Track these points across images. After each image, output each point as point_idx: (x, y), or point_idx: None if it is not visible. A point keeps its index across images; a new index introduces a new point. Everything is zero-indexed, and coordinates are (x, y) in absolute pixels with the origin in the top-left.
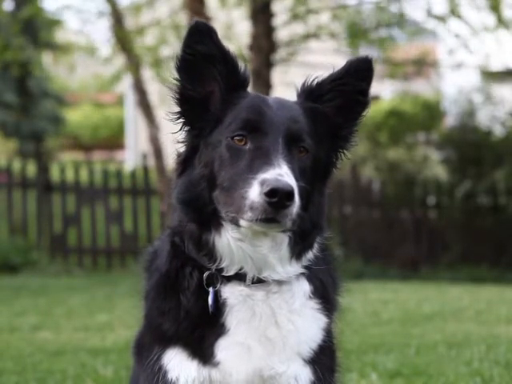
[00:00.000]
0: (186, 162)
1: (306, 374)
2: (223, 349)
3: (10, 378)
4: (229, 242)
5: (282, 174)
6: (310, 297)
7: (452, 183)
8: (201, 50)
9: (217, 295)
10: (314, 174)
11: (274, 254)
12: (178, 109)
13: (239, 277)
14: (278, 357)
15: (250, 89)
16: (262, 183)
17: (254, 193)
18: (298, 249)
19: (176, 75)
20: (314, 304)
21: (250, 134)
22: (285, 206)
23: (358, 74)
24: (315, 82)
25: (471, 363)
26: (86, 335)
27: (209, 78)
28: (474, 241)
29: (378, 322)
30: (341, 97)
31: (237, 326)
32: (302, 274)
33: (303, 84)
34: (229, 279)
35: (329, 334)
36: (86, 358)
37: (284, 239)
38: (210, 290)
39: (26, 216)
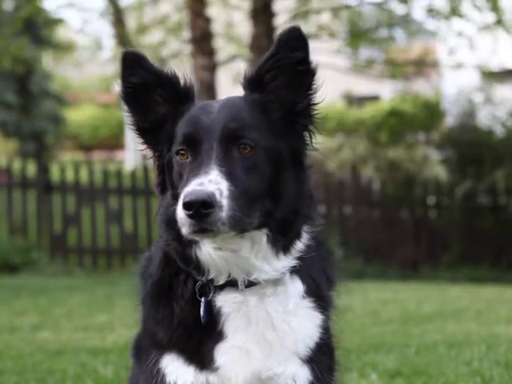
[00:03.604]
0: (161, 183)
1: (304, 373)
2: (222, 354)
3: (10, 378)
4: (209, 253)
5: (203, 182)
6: (304, 296)
7: (452, 183)
8: (136, 82)
9: (211, 304)
10: (274, 166)
11: (256, 255)
12: (141, 140)
13: (231, 283)
14: (275, 358)
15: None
16: (183, 197)
17: (179, 208)
18: (281, 243)
19: (126, 109)
20: (307, 303)
21: (189, 146)
22: (205, 215)
23: (289, 46)
24: (254, 70)
25: (471, 363)
26: (85, 335)
27: (155, 103)
28: (474, 241)
29: (377, 321)
30: (282, 73)
31: (234, 332)
32: (295, 272)
33: (244, 75)
34: (221, 287)
35: (326, 331)
36: (86, 358)
37: (261, 237)
38: (202, 300)
39: (26, 216)
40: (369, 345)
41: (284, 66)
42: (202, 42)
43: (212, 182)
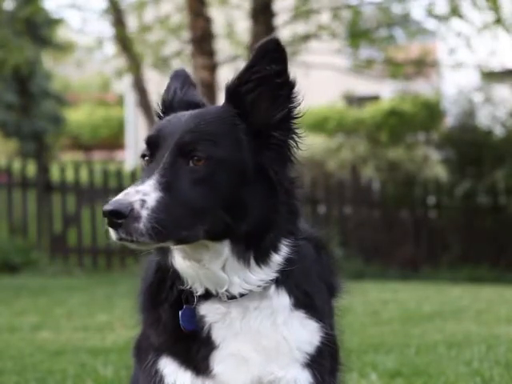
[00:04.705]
0: None
1: (305, 377)
2: (217, 362)
3: (10, 377)
4: (181, 261)
5: (129, 192)
6: (292, 309)
7: (452, 183)
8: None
9: (193, 312)
10: (233, 180)
11: (222, 267)
12: None
13: (215, 293)
14: (275, 363)
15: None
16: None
17: None
18: (250, 255)
19: None
20: (299, 313)
21: (150, 152)
22: (116, 225)
23: (266, 58)
24: (232, 80)
25: (471, 363)
26: (85, 335)
27: None
28: (474, 241)
29: (377, 321)
30: (259, 86)
31: (223, 341)
32: (282, 285)
33: (225, 85)
34: (206, 297)
35: (326, 335)
36: (86, 358)
37: (223, 249)
38: (184, 307)
39: (26, 216)
40: (369, 345)
41: (261, 78)
42: (202, 42)
43: (138, 193)
